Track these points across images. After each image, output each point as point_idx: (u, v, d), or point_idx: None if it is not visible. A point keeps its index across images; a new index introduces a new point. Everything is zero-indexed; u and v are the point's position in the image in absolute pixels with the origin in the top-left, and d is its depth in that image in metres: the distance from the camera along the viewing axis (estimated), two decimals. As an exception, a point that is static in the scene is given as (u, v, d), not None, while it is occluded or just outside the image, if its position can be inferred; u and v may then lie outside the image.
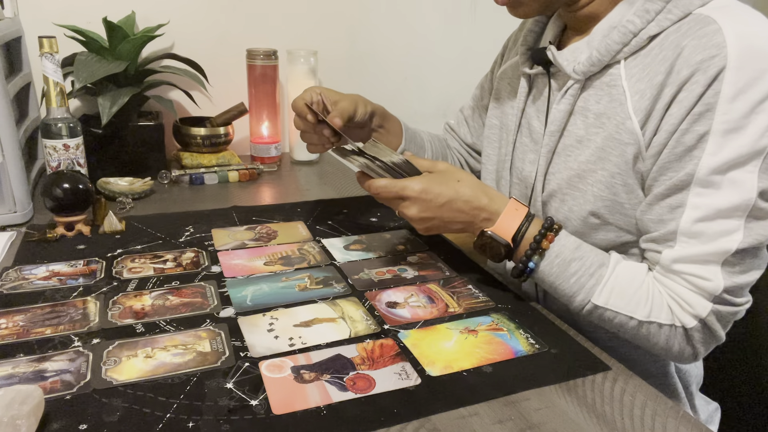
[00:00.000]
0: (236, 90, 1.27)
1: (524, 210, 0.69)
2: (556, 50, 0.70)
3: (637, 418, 0.53)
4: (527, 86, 0.76)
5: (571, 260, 0.65)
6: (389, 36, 1.42)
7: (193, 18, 1.23)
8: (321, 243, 0.86)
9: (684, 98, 0.58)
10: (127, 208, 0.96)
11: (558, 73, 0.72)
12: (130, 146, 1.08)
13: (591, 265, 0.64)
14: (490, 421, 0.51)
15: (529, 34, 0.78)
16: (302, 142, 1.28)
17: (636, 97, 0.62)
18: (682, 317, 0.62)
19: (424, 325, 0.66)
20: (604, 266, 0.64)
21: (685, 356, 0.64)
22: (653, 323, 0.63)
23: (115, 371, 0.55)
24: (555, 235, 0.66)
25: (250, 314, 0.66)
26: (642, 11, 0.62)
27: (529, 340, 0.64)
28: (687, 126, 0.58)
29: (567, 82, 0.69)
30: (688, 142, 0.58)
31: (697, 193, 0.59)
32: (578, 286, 0.64)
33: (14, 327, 0.62)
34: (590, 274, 0.64)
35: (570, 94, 0.68)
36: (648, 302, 0.63)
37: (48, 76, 0.86)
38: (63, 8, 1.12)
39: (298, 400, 0.52)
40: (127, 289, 0.70)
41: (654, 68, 0.61)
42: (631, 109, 0.62)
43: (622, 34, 0.63)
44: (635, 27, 0.63)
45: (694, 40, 0.58)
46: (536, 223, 0.68)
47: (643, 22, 0.62)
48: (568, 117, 0.69)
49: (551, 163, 0.72)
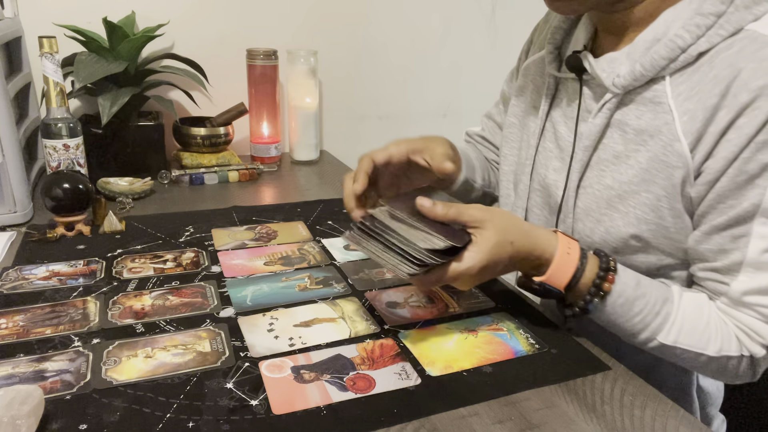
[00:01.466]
0: (236, 90, 1.27)
1: (576, 249, 0.61)
2: (593, 58, 0.65)
3: (637, 418, 0.53)
4: (554, 88, 0.72)
5: (634, 299, 0.60)
6: (389, 36, 1.42)
7: (193, 18, 1.23)
8: (321, 243, 0.86)
9: (744, 124, 0.54)
10: (127, 208, 0.96)
11: (592, 82, 0.67)
12: (130, 146, 1.08)
13: (655, 303, 0.60)
14: (490, 421, 0.51)
15: (557, 32, 0.73)
16: (302, 142, 1.30)
17: (685, 118, 0.58)
18: (751, 347, 0.59)
19: (424, 325, 0.66)
20: (669, 302, 0.60)
21: (743, 379, 0.62)
22: (723, 357, 0.60)
23: (115, 371, 0.55)
24: (615, 274, 0.60)
25: (250, 314, 0.66)
26: (692, 26, 0.58)
27: (529, 340, 0.64)
28: (750, 154, 0.55)
29: (604, 94, 0.64)
30: (751, 170, 0.55)
31: (762, 222, 0.56)
32: (643, 325, 0.60)
33: (14, 327, 0.62)
34: (656, 313, 0.60)
35: (607, 108, 0.64)
36: (718, 337, 0.60)
37: (48, 76, 0.86)
38: (63, 8, 1.12)
39: (298, 400, 0.52)
40: (127, 289, 0.70)
41: (705, 88, 0.57)
42: (680, 131, 0.58)
43: (669, 49, 0.59)
44: (684, 42, 0.58)
45: (754, 63, 0.54)
46: (592, 262, 0.61)
47: (693, 37, 0.58)
48: (603, 131, 0.65)
49: (583, 177, 0.67)
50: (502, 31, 1.51)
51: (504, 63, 1.58)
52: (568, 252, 0.61)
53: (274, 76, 1.23)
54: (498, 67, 1.55)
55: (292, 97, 1.27)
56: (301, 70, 1.24)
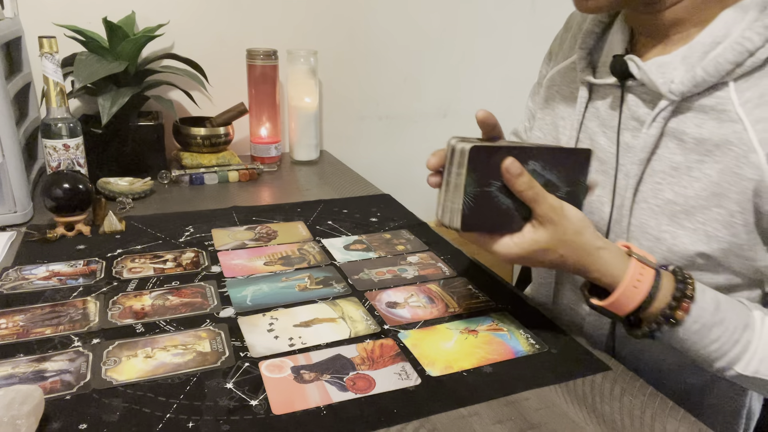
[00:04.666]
0: (236, 90, 1.27)
1: (651, 274, 0.55)
2: (641, 63, 0.61)
3: (636, 418, 0.53)
4: (587, 96, 0.68)
5: (711, 326, 0.54)
6: (389, 36, 1.42)
7: (193, 18, 1.23)
8: (321, 243, 0.86)
9: None
10: (127, 208, 0.96)
11: (638, 89, 0.63)
12: (130, 146, 1.08)
13: (735, 330, 0.55)
14: (490, 421, 0.51)
15: (590, 36, 0.69)
16: (302, 142, 1.30)
17: (759, 126, 0.54)
18: None
19: (424, 325, 0.66)
20: (749, 329, 0.55)
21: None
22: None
23: (115, 371, 0.55)
24: (691, 302, 0.54)
25: (250, 314, 0.66)
26: (760, 27, 0.54)
27: (529, 340, 0.64)
28: None
29: (654, 101, 0.60)
30: None
31: None
32: (719, 353, 0.55)
33: (14, 327, 0.62)
34: (734, 341, 0.55)
35: (662, 117, 0.59)
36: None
37: (48, 76, 0.86)
38: (63, 8, 1.12)
39: (298, 400, 0.52)
40: (127, 289, 0.70)
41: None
42: (756, 141, 0.54)
43: (736, 52, 0.54)
44: (753, 45, 0.54)
45: None
46: (667, 287, 0.55)
47: (762, 39, 0.54)
48: (657, 141, 0.60)
49: (637, 191, 0.62)
50: (502, 32, 1.51)
51: (504, 63, 1.59)
52: (636, 284, 0.55)
53: (274, 76, 1.23)
54: (498, 67, 1.56)
55: (292, 97, 1.27)
56: (301, 70, 1.24)
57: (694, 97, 0.58)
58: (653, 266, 0.56)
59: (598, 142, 0.67)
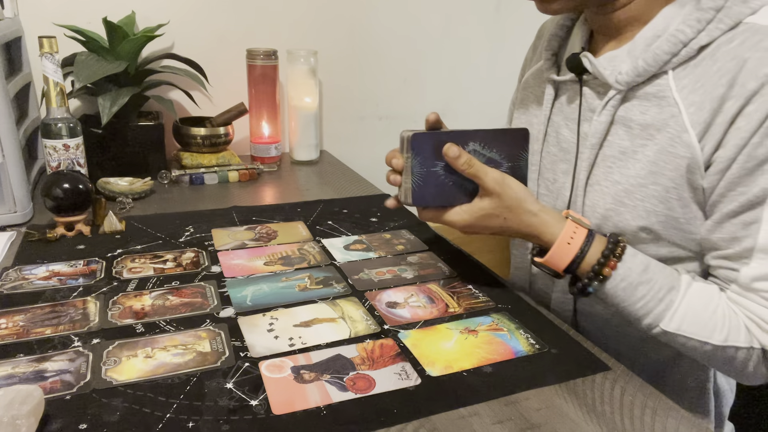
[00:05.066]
0: (236, 90, 1.27)
1: (583, 233, 0.63)
2: (593, 58, 0.67)
3: (637, 418, 0.53)
4: (553, 93, 0.74)
5: (638, 284, 0.61)
6: (389, 36, 1.42)
7: (193, 18, 1.23)
8: (321, 243, 0.86)
9: (753, 111, 0.56)
10: (127, 208, 0.96)
11: (592, 81, 0.69)
12: (130, 146, 1.08)
13: (660, 289, 0.61)
14: (490, 421, 0.51)
15: (554, 39, 0.76)
16: (302, 142, 1.30)
17: (692, 109, 0.59)
18: (762, 338, 0.59)
19: (424, 325, 0.66)
20: (674, 290, 0.61)
21: (758, 376, 0.62)
22: (730, 347, 0.60)
23: (115, 371, 0.55)
24: (618, 260, 0.61)
25: (250, 314, 0.66)
26: (693, 20, 0.60)
27: (529, 340, 0.64)
28: (759, 140, 0.56)
29: (607, 92, 0.66)
30: (761, 156, 0.56)
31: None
32: (645, 310, 0.61)
33: (14, 327, 0.62)
34: (659, 299, 0.61)
35: (611, 105, 0.65)
36: (725, 327, 0.60)
37: (48, 76, 0.86)
38: (63, 8, 1.12)
39: (298, 400, 0.52)
40: (127, 289, 0.70)
41: (710, 80, 0.59)
42: (688, 122, 0.59)
43: (671, 44, 0.60)
44: (686, 36, 0.60)
45: (758, 52, 0.56)
46: (597, 245, 0.63)
47: (694, 31, 0.59)
48: (608, 128, 0.66)
49: (590, 175, 0.68)
50: (502, 32, 1.51)
51: (504, 63, 1.59)
52: (569, 240, 0.63)
53: (274, 76, 1.23)
54: (498, 67, 1.55)
55: (292, 97, 1.27)
56: (301, 70, 1.24)
57: (639, 86, 0.64)
58: (587, 227, 0.64)
59: (562, 134, 0.73)
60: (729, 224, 0.60)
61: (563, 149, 0.73)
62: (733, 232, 0.59)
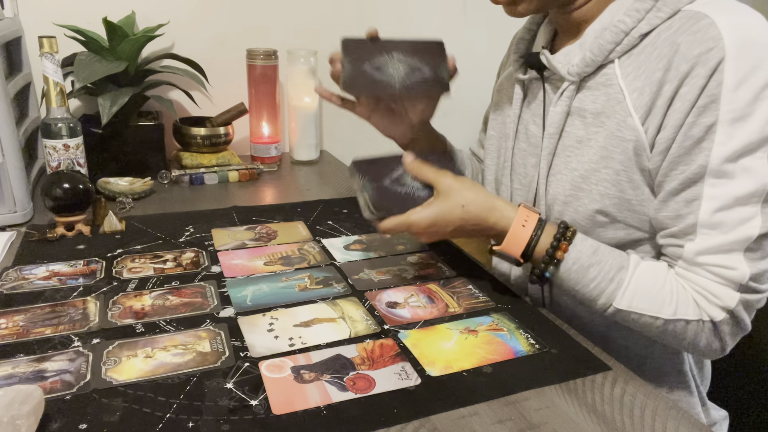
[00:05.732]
0: (236, 90, 1.27)
1: (535, 219, 0.67)
2: (549, 54, 0.71)
3: (637, 418, 0.53)
4: (522, 92, 0.77)
5: (589, 266, 0.64)
6: (389, 36, 1.42)
7: (193, 18, 1.23)
8: (321, 243, 0.86)
9: (686, 92, 0.59)
10: (127, 208, 0.96)
11: (552, 77, 0.72)
12: (130, 146, 1.08)
13: (610, 270, 0.64)
14: (490, 421, 0.51)
15: (521, 42, 0.80)
16: (302, 142, 1.30)
17: (635, 95, 0.63)
18: (710, 310, 0.61)
19: (424, 325, 0.66)
20: (624, 269, 0.64)
21: (712, 350, 0.64)
22: (680, 320, 0.62)
23: (115, 371, 0.55)
24: (569, 244, 0.65)
25: (250, 314, 0.66)
26: (632, 11, 0.63)
27: (529, 340, 0.64)
28: (693, 119, 0.58)
29: (562, 84, 0.69)
30: (697, 134, 0.59)
31: (711, 184, 0.59)
32: (598, 291, 0.64)
33: (14, 327, 0.62)
34: (610, 279, 0.63)
35: (566, 96, 0.69)
36: (673, 300, 0.62)
37: (48, 76, 0.86)
38: (63, 8, 1.12)
39: (298, 400, 0.52)
40: (127, 289, 0.70)
41: (650, 65, 0.62)
42: (631, 107, 0.63)
43: (614, 33, 0.64)
44: (626, 26, 0.63)
45: (689, 36, 0.59)
46: (549, 231, 0.67)
47: (634, 21, 0.63)
48: (565, 118, 0.70)
49: (552, 165, 0.72)
50: (503, 32, 1.51)
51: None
52: (523, 224, 0.67)
53: (274, 76, 1.23)
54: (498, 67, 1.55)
55: (292, 97, 1.27)
56: (301, 70, 1.24)
57: (590, 76, 0.67)
58: (538, 213, 0.68)
59: (530, 130, 0.76)
60: (673, 202, 0.62)
61: (532, 144, 0.76)
62: (677, 210, 0.62)
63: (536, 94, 0.75)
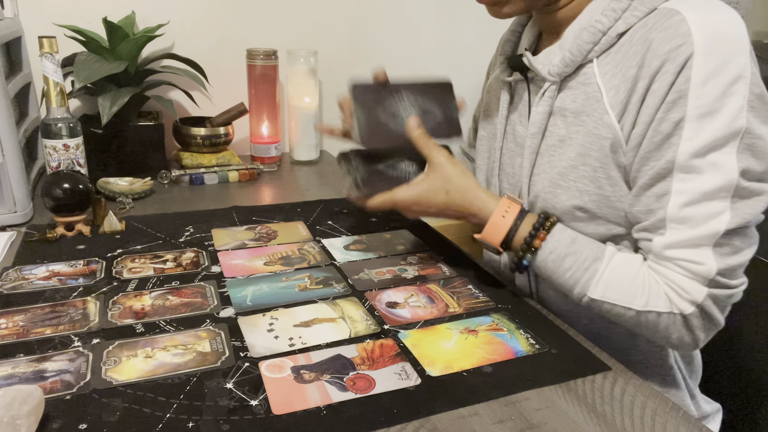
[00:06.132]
0: (236, 90, 1.27)
1: (516, 209, 0.69)
2: (531, 56, 0.72)
3: (637, 418, 0.53)
4: (508, 94, 0.78)
5: (565, 256, 0.66)
6: (389, 36, 1.42)
7: (193, 18, 1.23)
8: (321, 243, 0.86)
9: (657, 89, 0.59)
10: (127, 208, 0.96)
11: (535, 78, 0.73)
12: (130, 146, 1.08)
13: (585, 260, 0.65)
14: (490, 421, 0.51)
15: (507, 44, 0.81)
16: (302, 142, 1.30)
17: (611, 93, 0.64)
18: (679, 304, 0.62)
19: (424, 325, 0.66)
20: (599, 260, 0.65)
21: (685, 343, 0.65)
22: (651, 312, 0.63)
23: (115, 371, 0.55)
24: (547, 233, 0.67)
25: (250, 314, 0.66)
26: (609, 10, 0.64)
27: (529, 340, 0.64)
28: (662, 115, 0.59)
29: (544, 84, 0.70)
30: (665, 130, 0.60)
31: (680, 179, 0.60)
32: (573, 280, 0.65)
33: (14, 327, 0.62)
34: (585, 269, 0.65)
35: (548, 96, 0.70)
36: (645, 292, 0.63)
37: (48, 76, 0.86)
38: (63, 8, 1.12)
39: (298, 400, 0.52)
40: (127, 289, 0.70)
41: (626, 63, 0.63)
42: (608, 105, 0.64)
43: (591, 33, 0.65)
44: (603, 26, 0.64)
45: (661, 32, 0.59)
46: (529, 220, 0.68)
47: (611, 20, 0.64)
48: (547, 118, 0.71)
49: (535, 164, 0.73)
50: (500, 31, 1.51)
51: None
52: (504, 214, 0.69)
53: (274, 76, 1.23)
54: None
55: (292, 97, 1.27)
56: (301, 70, 1.24)
57: (570, 76, 0.68)
58: (521, 203, 0.70)
59: (517, 130, 0.77)
60: (644, 197, 0.63)
61: (518, 144, 0.77)
62: (648, 204, 0.63)
63: (521, 95, 0.77)
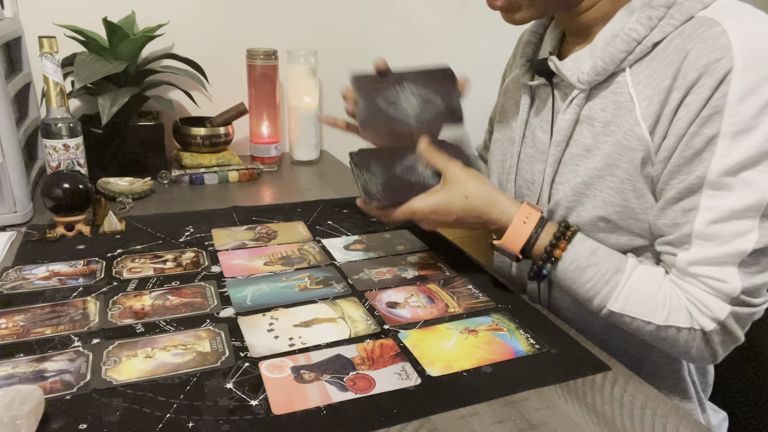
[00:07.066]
0: (236, 90, 1.27)
1: (536, 216, 0.68)
2: (558, 60, 0.69)
3: (637, 418, 0.53)
4: (529, 98, 0.76)
5: (586, 267, 0.64)
6: (389, 36, 1.42)
7: (193, 18, 1.23)
8: (321, 243, 0.86)
9: (692, 102, 0.58)
10: (127, 208, 0.96)
11: (561, 83, 0.71)
12: (130, 146, 1.08)
13: (606, 272, 0.64)
14: (490, 421, 0.51)
15: (528, 46, 0.78)
16: (302, 142, 1.29)
17: (644, 103, 0.62)
18: (700, 320, 0.61)
19: (424, 325, 0.66)
20: (620, 272, 0.64)
21: (704, 358, 0.64)
22: (671, 327, 0.62)
23: (115, 371, 0.55)
24: (568, 243, 0.65)
25: (250, 314, 0.66)
26: (645, 18, 0.62)
27: (529, 340, 0.64)
28: (696, 129, 0.58)
29: (571, 91, 0.68)
30: (698, 145, 0.58)
31: (709, 195, 0.59)
32: (593, 292, 0.64)
33: (14, 327, 0.62)
34: (605, 281, 0.64)
35: (575, 104, 0.67)
36: (666, 307, 0.62)
37: (48, 76, 0.86)
38: (63, 8, 1.12)
39: (298, 400, 0.52)
40: (127, 289, 0.70)
41: (660, 73, 0.61)
42: (640, 116, 0.62)
43: (625, 42, 0.63)
44: (638, 35, 0.62)
45: (699, 43, 0.58)
46: (549, 229, 0.67)
47: (646, 29, 0.62)
48: (573, 126, 0.69)
49: (558, 173, 0.71)
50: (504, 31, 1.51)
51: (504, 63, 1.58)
52: (524, 220, 0.68)
53: (274, 76, 1.23)
54: (499, 67, 1.55)
55: (292, 97, 1.27)
56: (301, 70, 1.24)
57: (600, 84, 0.66)
58: (540, 211, 0.69)
59: (538, 136, 0.75)
60: (671, 210, 0.62)
61: (539, 150, 0.75)
62: (674, 218, 0.62)
63: (545, 100, 0.74)
